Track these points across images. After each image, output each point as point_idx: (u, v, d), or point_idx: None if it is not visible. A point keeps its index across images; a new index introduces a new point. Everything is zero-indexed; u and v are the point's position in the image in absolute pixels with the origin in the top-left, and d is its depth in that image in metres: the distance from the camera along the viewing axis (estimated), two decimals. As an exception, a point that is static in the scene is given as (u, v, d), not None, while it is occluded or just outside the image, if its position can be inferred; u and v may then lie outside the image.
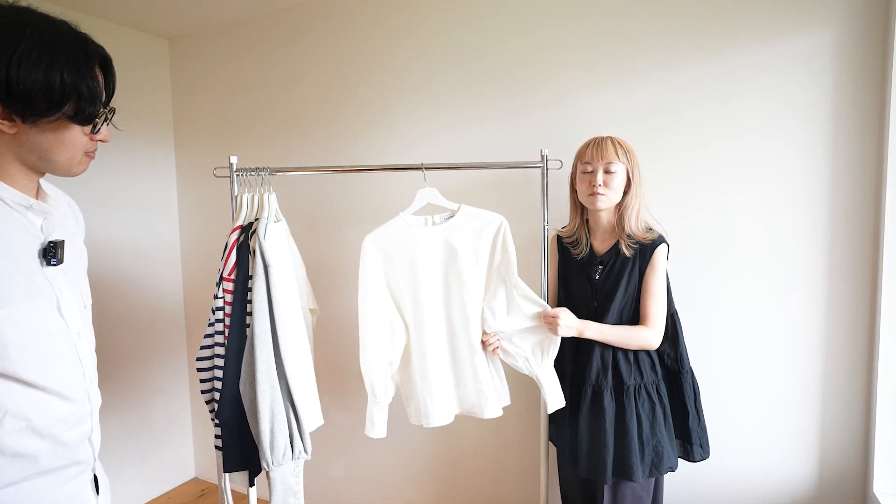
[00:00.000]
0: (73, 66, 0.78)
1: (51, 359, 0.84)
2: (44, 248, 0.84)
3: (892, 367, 1.40)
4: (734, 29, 1.52)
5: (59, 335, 0.85)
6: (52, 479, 0.86)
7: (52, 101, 0.77)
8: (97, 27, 2.31)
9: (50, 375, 0.83)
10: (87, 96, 0.80)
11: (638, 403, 1.42)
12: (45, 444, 0.83)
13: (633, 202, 1.44)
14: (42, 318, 0.82)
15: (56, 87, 0.76)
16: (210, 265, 2.55)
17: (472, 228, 1.54)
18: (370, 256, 1.53)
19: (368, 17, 2.08)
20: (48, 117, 0.78)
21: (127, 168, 2.45)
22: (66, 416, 0.86)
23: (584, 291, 1.52)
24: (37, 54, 0.74)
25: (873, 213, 1.43)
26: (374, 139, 2.11)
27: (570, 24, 1.73)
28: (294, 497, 1.48)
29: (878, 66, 1.39)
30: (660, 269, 1.42)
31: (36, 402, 0.82)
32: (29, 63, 0.74)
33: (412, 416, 1.60)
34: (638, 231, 1.44)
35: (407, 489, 2.20)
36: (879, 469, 1.42)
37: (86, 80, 0.79)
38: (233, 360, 1.44)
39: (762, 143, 1.52)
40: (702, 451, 1.49)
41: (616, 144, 1.43)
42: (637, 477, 1.38)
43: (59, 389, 0.85)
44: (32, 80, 0.74)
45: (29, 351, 0.80)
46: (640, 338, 1.42)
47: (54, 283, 0.85)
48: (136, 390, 2.52)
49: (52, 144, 0.82)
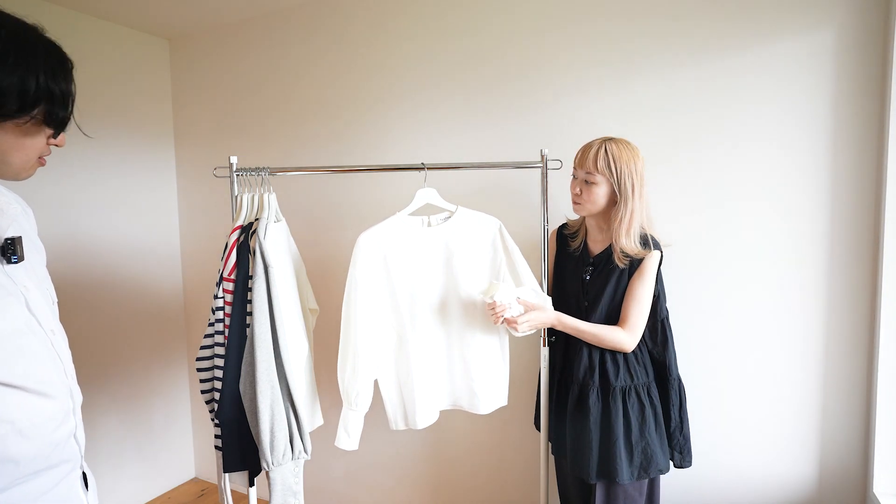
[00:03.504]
0: (48, 70, 0.78)
1: (28, 358, 0.82)
2: (1, 247, 0.82)
3: (892, 368, 1.40)
4: (734, 29, 1.52)
5: (33, 333, 0.84)
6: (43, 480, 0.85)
7: (25, 103, 0.77)
8: (97, 27, 2.31)
9: (30, 375, 0.82)
10: (59, 100, 0.80)
11: (627, 405, 1.41)
12: (31, 445, 0.82)
13: (624, 217, 1.37)
14: (13, 318, 0.81)
15: (31, 90, 0.76)
16: (210, 265, 2.55)
17: (470, 230, 1.54)
18: (364, 254, 1.50)
19: (369, 17, 2.08)
20: (16, 119, 0.78)
21: (127, 168, 2.45)
22: (50, 414, 0.85)
23: (576, 290, 1.52)
24: (13, 57, 0.75)
25: (873, 213, 1.43)
26: (374, 139, 2.11)
27: (570, 24, 1.73)
28: (294, 497, 1.48)
29: (878, 66, 1.39)
30: (647, 275, 1.39)
31: (19, 403, 0.80)
32: (6, 65, 0.74)
33: (396, 422, 1.58)
34: (629, 247, 1.38)
35: (407, 489, 2.20)
36: (879, 469, 1.42)
37: (59, 84, 0.80)
38: (233, 360, 1.44)
39: (762, 143, 1.52)
40: (681, 457, 1.48)
41: (600, 156, 1.35)
42: (622, 478, 1.38)
43: (41, 388, 0.83)
44: (8, 82, 0.74)
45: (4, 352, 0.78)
46: (615, 339, 1.40)
47: (18, 282, 0.84)
48: (136, 390, 2.52)
49: (10, 147, 0.81)
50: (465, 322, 1.55)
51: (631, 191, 1.36)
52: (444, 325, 1.57)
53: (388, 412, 1.58)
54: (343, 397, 1.52)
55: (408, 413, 1.56)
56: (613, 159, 1.35)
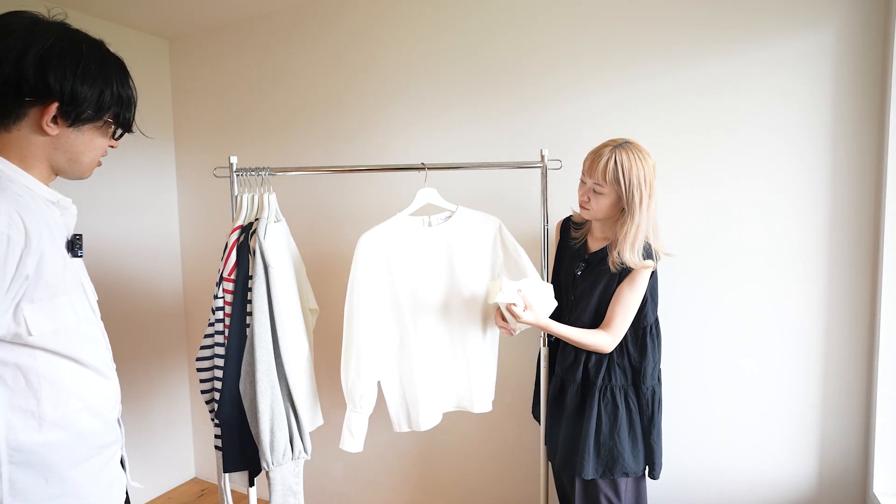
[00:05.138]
0: (119, 79, 0.92)
1: (94, 343, 0.94)
2: (70, 241, 0.92)
3: (892, 368, 1.40)
4: (735, 29, 1.52)
5: (92, 321, 0.95)
6: (100, 459, 0.95)
7: (101, 108, 0.90)
8: (97, 27, 2.30)
9: (97, 357, 0.94)
10: (126, 104, 0.94)
11: (601, 404, 1.41)
12: (97, 422, 0.93)
13: (630, 231, 1.34)
14: (83, 306, 0.92)
15: (106, 97, 0.89)
16: (210, 265, 2.55)
17: (471, 230, 1.54)
18: (365, 255, 1.49)
19: (368, 17, 2.08)
20: (93, 122, 0.90)
21: (127, 168, 2.45)
22: (109, 395, 0.97)
23: (568, 282, 1.53)
24: (95, 69, 0.88)
25: (873, 214, 1.43)
26: (374, 139, 2.11)
27: (571, 24, 1.73)
28: (294, 497, 1.48)
29: (878, 66, 1.39)
30: (638, 283, 1.37)
31: (90, 382, 0.92)
32: (90, 77, 0.87)
33: (399, 424, 1.57)
34: (632, 261, 1.35)
35: (407, 489, 2.20)
36: (879, 469, 1.42)
37: (127, 90, 0.93)
38: (233, 360, 1.44)
39: (761, 143, 1.52)
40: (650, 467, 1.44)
41: (609, 168, 1.32)
42: (586, 473, 1.39)
43: (104, 370, 0.95)
44: (90, 91, 0.87)
45: (78, 336, 0.90)
46: (596, 342, 1.39)
47: (78, 274, 0.94)
48: (136, 390, 2.51)
49: (85, 147, 0.92)
50: (467, 321, 1.56)
51: (639, 204, 1.33)
52: (446, 325, 1.57)
53: (391, 414, 1.58)
54: (347, 399, 1.52)
55: (411, 415, 1.56)
56: (623, 171, 1.31)
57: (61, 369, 0.87)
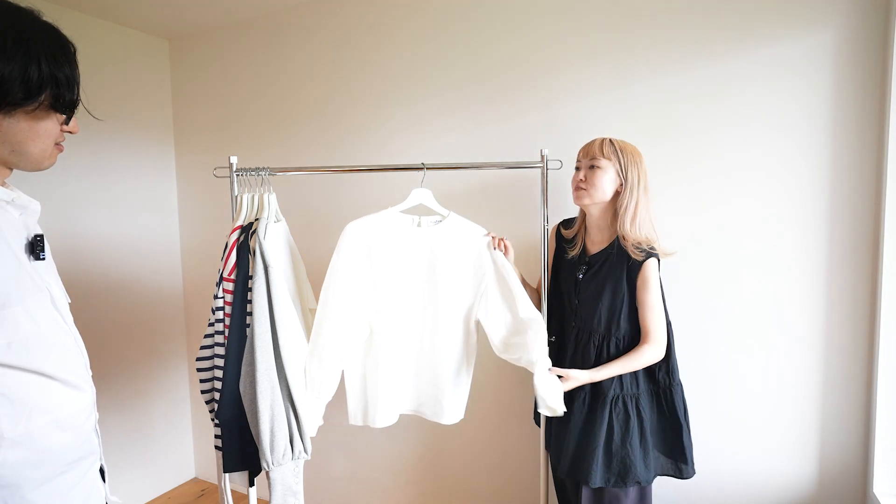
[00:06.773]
0: (49, 55, 0.78)
1: (62, 351, 0.85)
2: (30, 243, 0.84)
3: (892, 368, 1.40)
4: (734, 29, 1.52)
5: (61, 328, 0.87)
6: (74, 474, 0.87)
7: (30, 90, 0.77)
8: (97, 27, 2.31)
9: (65, 367, 0.85)
10: (64, 84, 0.80)
11: (613, 413, 1.40)
12: (68, 436, 0.85)
13: (629, 205, 1.38)
14: (45, 312, 0.83)
15: (34, 76, 0.76)
16: (210, 265, 2.55)
17: (457, 238, 1.51)
18: (349, 243, 1.48)
19: (368, 17, 2.08)
20: (25, 106, 0.78)
21: (127, 168, 2.45)
22: (81, 406, 0.88)
23: (569, 289, 1.52)
24: (12, 44, 0.74)
25: (873, 214, 1.43)
26: (374, 139, 2.11)
27: (571, 24, 1.73)
28: (294, 497, 1.48)
29: (878, 66, 1.39)
30: (651, 282, 1.38)
31: (58, 395, 0.84)
32: (5, 52, 0.74)
33: (355, 417, 1.56)
34: (634, 236, 1.38)
35: (407, 489, 2.20)
36: (879, 469, 1.42)
37: (63, 68, 0.80)
38: (233, 360, 1.44)
39: (761, 143, 1.52)
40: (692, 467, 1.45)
41: (605, 143, 1.40)
42: (593, 482, 1.38)
43: (74, 381, 0.86)
44: (9, 70, 0.74)
45: (43, 345, 0.81)
46: (645, 360, 1.38)
47: (44, 278, 0.85)
48: (136, 390, 2.51)
49: (26, 135, 0.81)
50: (439, 330, 1.52)
51: (637, 181, 1.38)
52: (418, 329, 1.55)
53: (348, 406, 1.56)
54: (307, 383, 1.50)
55: (368, 410, 1.54)
56: (619, 148, 1.39)
57: (20, 383, 0.79)
